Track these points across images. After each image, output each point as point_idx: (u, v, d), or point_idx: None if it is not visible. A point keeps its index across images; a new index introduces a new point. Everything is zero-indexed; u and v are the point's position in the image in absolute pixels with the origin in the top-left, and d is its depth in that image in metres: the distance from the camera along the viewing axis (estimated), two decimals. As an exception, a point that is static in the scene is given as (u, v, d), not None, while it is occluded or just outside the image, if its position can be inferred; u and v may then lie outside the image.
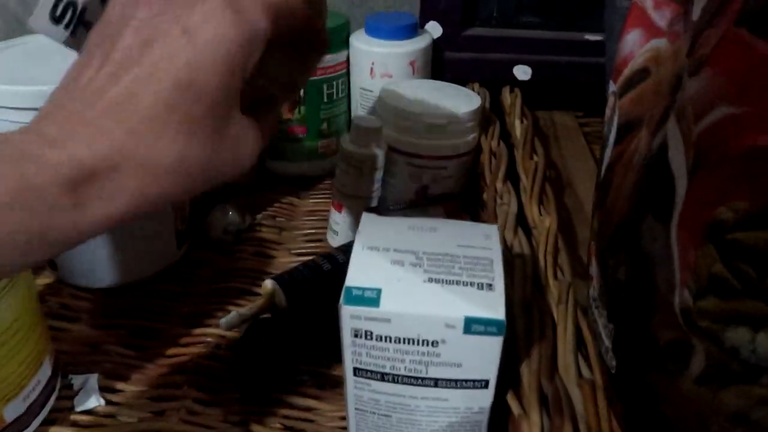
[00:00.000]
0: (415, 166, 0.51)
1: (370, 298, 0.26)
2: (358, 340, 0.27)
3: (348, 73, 0.61)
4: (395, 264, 0.27)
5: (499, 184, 0.46)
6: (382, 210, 0.51)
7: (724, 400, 0.22)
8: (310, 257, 0.52)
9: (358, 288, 0.26)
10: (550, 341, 0.31)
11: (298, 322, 0.40)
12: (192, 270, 0.50)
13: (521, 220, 0.42)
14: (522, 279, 0.35)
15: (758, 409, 0.21)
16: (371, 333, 0.26)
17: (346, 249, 0.47)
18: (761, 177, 0.18)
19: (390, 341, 0.26)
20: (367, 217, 0.31)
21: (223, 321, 0.41)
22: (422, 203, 0.50)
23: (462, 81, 0.58)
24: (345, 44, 0.59)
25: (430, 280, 0.26)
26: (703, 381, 0.22)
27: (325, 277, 0.44)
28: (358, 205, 0.51)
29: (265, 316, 0.42)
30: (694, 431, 0.23)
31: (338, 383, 0.40)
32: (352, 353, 0.27)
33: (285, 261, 0.52)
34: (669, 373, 0.23)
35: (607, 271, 0.28)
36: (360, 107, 0.61)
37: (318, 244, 0.54)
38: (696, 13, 0.24)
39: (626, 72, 0.29)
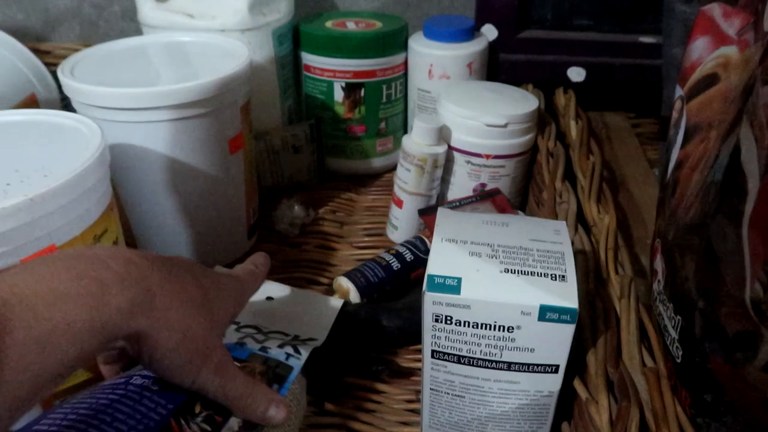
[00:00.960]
0: (474, 164, 0.53)
1: (451, 286, 0.28)
2: (438, 325, 0.29)
3: (406, 75, 0.63)
4: (473, 255, 0.29)
5: (558, 183, 0.48)
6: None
7: (790, 387, 0.23)
8: (371, 250, 0.54)
9: (440, 276, 0.28)
10: (614, 332, 0.32)
11: (370, 318, 0.43)
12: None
13: (580, 218, 0.44)
14: (584, 274, 0.37)
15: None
16: (451, 318, 0.28)
17: (411, 246, 0.50)
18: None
19: (468, 326, 0.28)
20: (442, 212, 0.33)
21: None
22: (471, 200, 0.52)
23: (517, 82, 0.60)
24: (403, 47, 0.62)
25: (507, 270, 0.29)
26: (769, 369, 0.24)
27: (398, 271, 0.46)
28: (418, 202, 0.53)
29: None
30: (760, 417, 0.25)
31: (406, 372, 0.42)
32: (431, 337, 0.29)
33: (347, 253, 0.55)
34: (737, 361, 0.25)
35: (674, 267, 0.29)
36: (417, 107, 0.63)
37: (377, 238, 0.57)
38: (767, 23, 0.25)
39: (694, 77, 0.31)
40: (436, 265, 0.29)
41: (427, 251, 0.49)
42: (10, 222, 0.29)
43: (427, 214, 0.51)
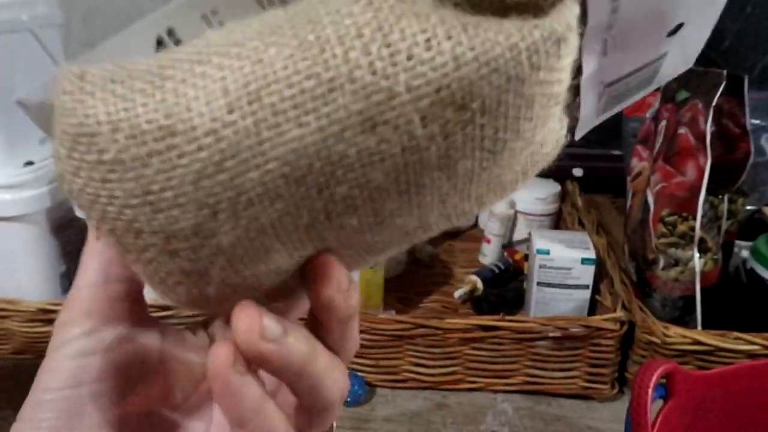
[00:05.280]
0: (529, 219, 0.98)
1: (546, 250, 0.72)
2: (540, 269, 0.73)
3: (479, 173, 1.10)
4: (545, 239, 0.74)
5: (576, 227, 0.93)
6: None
7: None
8: (472, 268, 0.98)
9: (542, 250, 0.73)
10: (610, 279, 0.76)
11: (494, 294, 0.86)
12: (413, 272, 0.97)
13: (588, 242, 0.89)
14: (601, 256, 0.81)
15: None
16: (546, 265, 0.72)
17: (499, 263, 0.94)
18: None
19: (552, 268, 0.72)
20: (536, 233, 0.78)
21: (456, 295, 0.87)
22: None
23: (544, 177, 1.06)
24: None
25: (566, 247, 0.73)
26: None
27: (498, 274, 0.90)
28: (498, 241, 0.98)
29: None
30: (664, 292, 0.69)
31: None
32: (536, 274, 0.73)
33: (459, 270, 0.98)
34: (653, 271, 0.69)
35: (632, 244, 0.74)
36: (488, 191, 1.09)
37: (474, 262, 1.00)
38: (651, 160, 0.72)
39: (633, 173, 0.77)
40: (539, 246, 0.73)
41: (507, 268, 0.92)
42: None
43: (507, 247, 0.96)
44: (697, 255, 0.66)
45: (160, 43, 0.23)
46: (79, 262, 0.23)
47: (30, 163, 0.78)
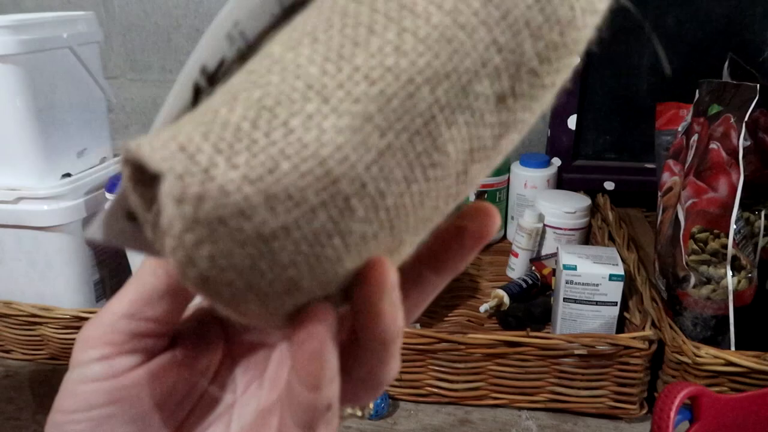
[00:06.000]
0: (557, 233, 0.97)
1: (573, 266, 0.71)
2: (567, 285, 0.72)
3: (507, 186, 1.09)
4: (572, 254, 0.73)
5: (606, 242, 0.91)
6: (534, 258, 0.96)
7: None
8: (500, 282, 0.97)
9: (568, 265, 0.72)
10: (640, 296, 0.75)
11: (516, 313, 0.85)
12: (441, 286, 0.96)
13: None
14: (629, 274, 0.79)
15: None
16: (572, 281, 0.71)
17: (528, 277, 0.92)
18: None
19: (579, 284, 0.71)
20: (563, 248, 0.77)
21: (482, 309, 0.86)
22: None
23: (574, 191, 1.05)
24: (507, 171, 1.08)
25: (594, 263, 0.72)
26: None
27: (526, 288, 0.89)
28: (526, 255, 0.97)
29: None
30: (694, 309, 0.67)
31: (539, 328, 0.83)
32: (563, 290, 0.72)
33: (486, 284, 0.97)
34: (684, 290, 0.67)
35: (662, 262, 0.73)
36: (516, 205, 1.08)
37: (501, 276, 0.99)
38: (682, 175, 0.70)
39: (664, 188, 0.75)
40: (566, 261, 0.72)
41: (535, 283, 0.91)
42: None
43: (535, 261, 0.95)
44: (730, 273, 0.64)
45: (197, 92, 0.20)
46: (127, 280, 0.23)
47: (67, 175, 0.81)
